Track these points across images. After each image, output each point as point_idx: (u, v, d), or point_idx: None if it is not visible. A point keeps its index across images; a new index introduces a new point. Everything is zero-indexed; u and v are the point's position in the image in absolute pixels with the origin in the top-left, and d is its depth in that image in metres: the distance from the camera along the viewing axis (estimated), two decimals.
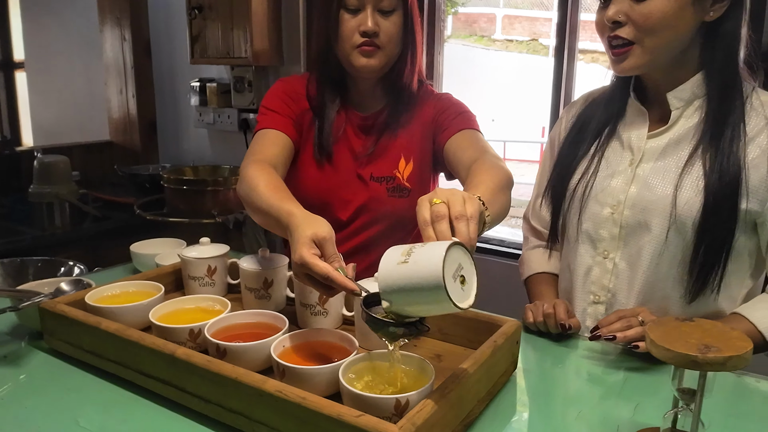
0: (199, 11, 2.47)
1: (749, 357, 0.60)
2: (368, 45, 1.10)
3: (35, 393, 0.83)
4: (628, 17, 0.91)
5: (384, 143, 1.21)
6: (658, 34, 0.91)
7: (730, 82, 0.94)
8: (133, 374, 0.82)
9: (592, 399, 0.85)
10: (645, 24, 0.90)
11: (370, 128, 1.23)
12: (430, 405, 0.65)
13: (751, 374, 0.91)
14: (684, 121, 0.98)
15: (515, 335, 0.86)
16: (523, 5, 11.98)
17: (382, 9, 1.10)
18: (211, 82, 2.67)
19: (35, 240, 2.15)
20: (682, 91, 0.97)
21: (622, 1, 0.91)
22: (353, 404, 0.67)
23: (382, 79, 1.20)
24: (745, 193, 0.91)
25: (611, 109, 1.05)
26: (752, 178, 0.92)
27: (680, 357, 0.59)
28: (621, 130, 1.04)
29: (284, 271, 1.03)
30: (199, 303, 0.97)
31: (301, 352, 0.82)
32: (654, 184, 0.97)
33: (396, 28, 1.12)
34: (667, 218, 0.95)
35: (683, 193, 0.94)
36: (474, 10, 12.01)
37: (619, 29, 0.92)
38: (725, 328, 0.64)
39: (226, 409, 0.73)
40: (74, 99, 3.45)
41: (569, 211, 1.07)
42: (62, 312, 0.90)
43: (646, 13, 0.89)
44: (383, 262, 0.68)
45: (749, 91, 0.96)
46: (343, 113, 1.23)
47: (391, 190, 1.21)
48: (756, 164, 0.92)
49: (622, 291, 1.02)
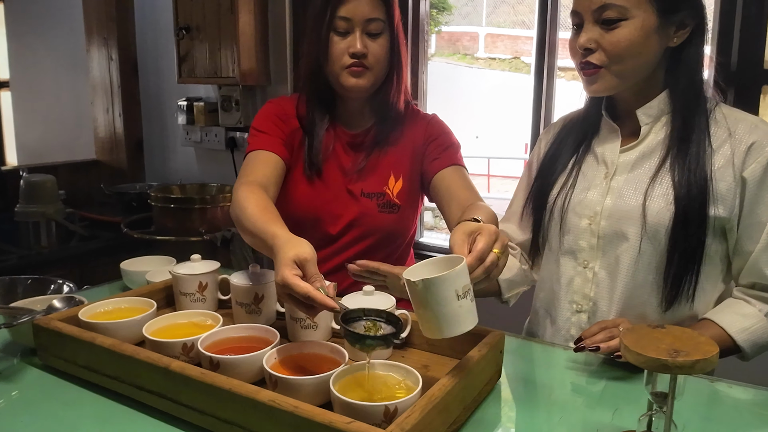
0: (187, 32, 2.51)
1: (716, 361, 0.64)
2: (357, 66, 1.16)
3: (29, 409, 0.84)
4: (598, 44, 0.97)
5: (373, 160, 1.26)
6: (625, 60, 0.97)
7: (693, 100, 1.00)
8: (129, 388, 0.84)
9: (574, 405, 0.89)
10: (614, 51, 0.96)
11: (359, 145, 1.28)
12: (418, 411, 0.68)
13: (724, 380, 0.95)
14: (653, 135, 1.04)
15: (499, 345, 0.90)
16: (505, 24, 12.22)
17: (369, 32, 1.16)
18: (199, 101, 2.70)
19: (22, 259, 2.14)
20: (650, 107, 1.03)
21: (593, 29, 0.97)
22: (344, 412, 0.70)
23: (369, 99, 1.25)
24: (713, 201, 0.97)
25: (586, 126, 1.11)
26: (719, 187, 0.97)
27: (651, 361, 0.63)
28: (595, 145, 1.10)
29: (274, 286, 1.06)
30: (192, 318, 1.00)
31: (293, 364, 0.85)
32: (627, 195, 1.03)
33: (383, 50, 1.18)
34: (640, 227, 1.00)
35: (654, 203, 0.99)
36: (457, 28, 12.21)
37: (590, 55, 0.98)
38: (694, 334, 0.68)
39: (220, 420, 0.75)
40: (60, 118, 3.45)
41: (550, 224, 1.12)
42: (56, 328, 0.91)
43: (615, 41, 0.95)
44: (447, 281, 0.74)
45: (713, 106, 1.03)
46: (332, 131, 1.27)
47: (381, 206, 1.25)
48: (722, 173, 0.98)
49: (603, 299, 1.06)
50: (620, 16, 0.95)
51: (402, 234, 1.31)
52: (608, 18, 0.95)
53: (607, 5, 0.95)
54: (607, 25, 0.96)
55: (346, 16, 1.15)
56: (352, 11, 1.15)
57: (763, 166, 0.96)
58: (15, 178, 2.37)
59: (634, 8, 0.94)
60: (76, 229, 2.33)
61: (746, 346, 0.99)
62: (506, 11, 12.38)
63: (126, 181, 2.92)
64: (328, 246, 1.27)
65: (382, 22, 1.17)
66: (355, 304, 0.91)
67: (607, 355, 0.94)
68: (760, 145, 0.97)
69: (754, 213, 0.98)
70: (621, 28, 0.95)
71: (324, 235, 1.27)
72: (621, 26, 0.95)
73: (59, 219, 2.26)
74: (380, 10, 1.16)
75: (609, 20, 0.95)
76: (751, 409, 0.89)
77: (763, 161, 0.96)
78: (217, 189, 2.54)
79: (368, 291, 0.97)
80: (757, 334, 0.99)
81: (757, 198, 0.97)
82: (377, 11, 1.16)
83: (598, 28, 0.97)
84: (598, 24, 0.97)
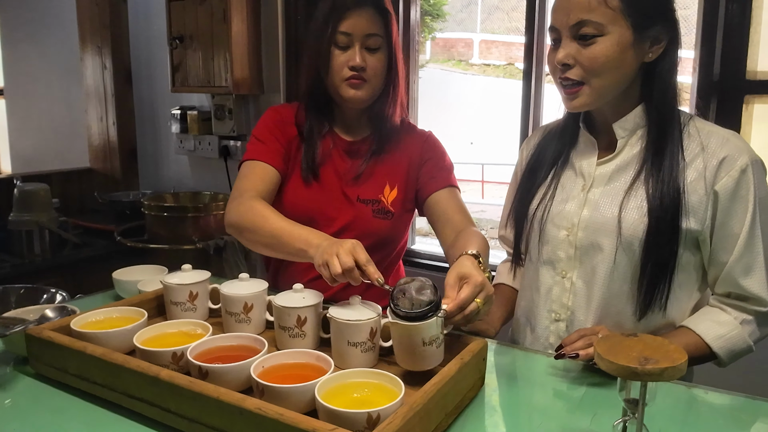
0: (180, 41, 2.54)
1: (684, 368, 0.66)
2: (356, 78, 1.22)
3: (21, 416, 0.86)
4: (576, 60, 1.00)
5: (370, 168, 1.32)
6: (603, 76, 0.99)
7: (668, 114, 1.03)
8: (119, 396, 0.86)
9: (554, 411, 0.91)
10: (591, 66, 0.99)
11: (356, 152, 1.34)
12: (400, 418, 0.70)
13: (700, 386, 0.98)
14: (629, 148, 1.07)
15: (481, 352, 0.92)
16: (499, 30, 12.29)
17: (368, 47, 1.23)
18: (192, 110, 2.72)
19: (15, 268, 2.16)
20: (626, 121, 1.06)
21: (570, 45, 1.00)
22: (328, 419, 0.72)
23: (367, 109, 1.31)
24: (686, 214, 0.99)
25: (564, 139, 1.14)
26: (691, 200, 1.00)
27: (622, 369, 0.66)
28: (573, 158, 1.12)
29: (264, 295, 1.08)
30: (182, 327, 1.01)
31: (280, 372, 0.87)
32: (603, 207, 1.05)
33: (381, 64, 1.24)
34: (615, 238, 1.02)
35: (629, 214, 1.02)
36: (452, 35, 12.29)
37: (569, 71, 1.01)
38: (665, 342, 0.71)
39: (208, 427, 0.77)
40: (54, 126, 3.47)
41: (530, 234, 1.15)
42: (48, 338, 0.93)
43: (592, 57, 0.98)
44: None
45: (687, 119, 1.05)
46: (330, 138, 1.34)
47: (375, 212, 1.30)
48: (694, 186, 1.00)
49: (580, 308, 1.08)
50: (597, 32, 0.97)
51: (393, 241, 1.35)
52: (585, 34, 0.98)
53: (583, 21, 0.97)
54: (584, 41, 0.99)
55: (346, 31, 1.21)
56: (353, 26, 1.21)
57: (734, 180, 0.99)
58: (8, 186, 2.38)
59: (610, 24, 0.97)
60: (70, 237, 2.35)
61: (722, 353, 1.01)
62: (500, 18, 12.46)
63: (119, 189, 2.94)
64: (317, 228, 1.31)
65: (381, 38, 1.23)
66: (343, 314, 0.94)
67: (586, 361, 0.97)
68: (732, 159, 0.99)
69: (727, 225, 1.00)
70: (597, 44, 0.98)
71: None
72: (597, 42, 0.98)
73: (52, 227, 2.28)
74: (379, 26, 1.23)
75: (586, 36, 0.98)
76: (726, 414, 0.92)
77: (735, 175, 0.99)
78: (210, 197, 2.56)
79: (355, 301, 0.99)
80: (733, 342, 1.01)
81: (729, 211, 1.00)
82: (376, 27, 1.22)
83: (576, 43, 1.00)
84: (575, 40, 0.99)
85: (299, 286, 1.04)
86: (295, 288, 1.04)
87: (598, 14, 0.97)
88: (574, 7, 0.98)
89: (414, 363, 0.90)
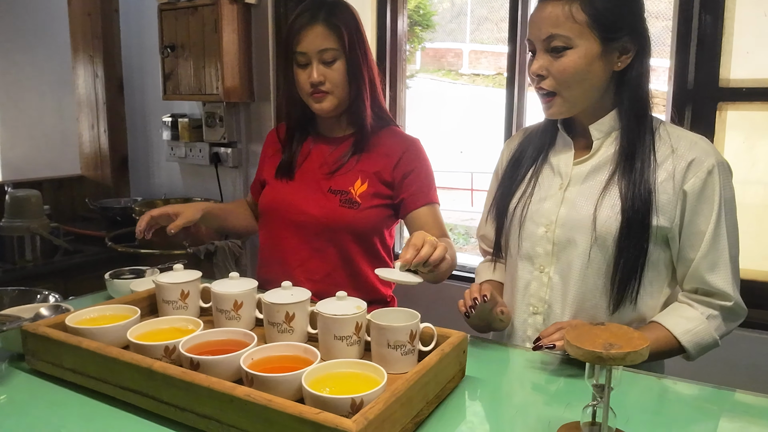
0: (172, 50, 2.57)
1: (645, 353, 0.71)
2: (317, 92, 1.32)
3: (18, 411, 0.89)
4: (548, 71, 1.06)
5: (349, 165, 1.39)
6: (573, 86, 1.05)
7: (640, 118, 1.08)
8: (113, 389, 0.90)
9: (530, 401, 0.96)
10: (561, 77, 1.05)
11: (334, 149, 1.42)
12: (382, 403, 0.74)
13: (670, 377, 1.02)
14: (604, 149, 1.12)
15: (462, 345, 0.97)
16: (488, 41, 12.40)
17: (324, 60, 1.31)
18: (183, 118, 2.75)
19: (7, 273, 2.18)
20: (602, 124, 1.11)
21: (543, 58, 1.06)
22: (314, 405, 0.76)
23: (343, 114, 1.40)
24: (656, 212, 1.05)
25: (544, 139, 1.19)
26: (661, 199, 1.05)
27: (588, 353, 0.70)
28: (552, 158, 1.17)
29: (253, 293, 1.12)
30: (174, 323, 1.05)
31: (269, 364, 0.90)
32: (579, 205, 1.10)
33: (339, 75, 1.32)
34: (590, 235, 1.07)
35: (603, 212, 1.07)
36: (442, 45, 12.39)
37: (543, 81, 1.07)
38: (629, 330, 0.76)
39: (200, 415, 0.81)
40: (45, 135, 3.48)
41: (510, 230, 1.19)
42: (44, 333, 0.97)
43: (562, 68, 1.04)
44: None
45: (658, 124, 1.11)
46: (311, 139, 1.45)
47: (342, 202, 1.38)
48: (664, 187, 1.05)
49: (557, 302, 1.13)
50: (566, 44, 1.03)
51: (365, 231, 1.41)
52: (555, 47, 1.04)
53: (553, 35, 1.03)
54: (555, 53, 1.04)
55: (301, 50, 1.31)
56: (306, 46, 1.31)
57: (701, 180, 1.04)
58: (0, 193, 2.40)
59: (577, 38, 1.03)
60: (61, 243, 2.37)
61: (690, 346, 1.06)
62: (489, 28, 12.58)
63: (111, 196, 2.96)
64: (296, 236, 1.40)
65: (335, 51, 1.31)
66: (329, 310, 0.98)
67: (561, 352, 1.02)
68: (699, 161, 1.04)
69: (694, 223, 1.05)
70: (567, 56, 1.03)
71: (290, 223, 1.41)
72: (566, 54, 1.03)
73: (44, 233, 2.29)
74: (332, 39, 1.30)
75: (556, 49, 1.04)
76: (694, 403, 0.96)
77: (702, 176, 1.04)
78: None
79: (341, 296, 1.03)
80: (700, 336, 1.06)
81: (696, 209, 1.05)
82: (329, 41, 1.30)
83: (548, 56, 1.05)
84: (548, 52, 1.05)
85: (288, 283, 1.08)
86: (283, 285, 1.08)
87: (566, 28, 1.02)
88: (545, 22, 1.04)
89: (379, 360, 0.95)
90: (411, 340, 0.95)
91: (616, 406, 0.76)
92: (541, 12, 1.05)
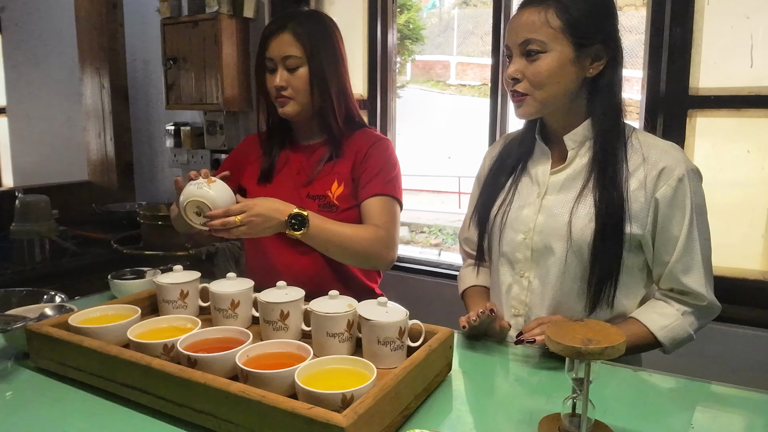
0: (174, 62, 2.55)
1: (622, 348, 0.70)
2: (280, 97, 1.31)
3: (23, 407, 0.87)
4: (523, 74, 1.04)
5: (325, 170, 1.36)
6: (545, 88, 1.04)
7: (612, 126, 1.06)
8: (113, 385, 0.88)
9: (514, 394, 0.95)
10: (535, 80, 1.03)
11: (311, 156, 1.39)
12: (371, 398, 0.73)
13: (646, 369, 1.01)
14: (579, 159, 1.10)
15: (448, 340, 0.95)
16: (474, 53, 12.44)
17: (288, 67, 1.29)
18: (185, 126, 2.74)
19: (16, 274, 2.15)
20: (576, 134, 1.09)
21: (519, 62, 1.05)
22: (307, 400, 0.75)
23: (315, 118, 1.37)
24: (629, 220, 1.03)
25: (522, 149, 1.17)
26: (633, 207, 1.03)
27: (568, 348, 0.69)
28: (530, 167, 1.16)
29: (250, 293, 1.10)
30: (173, 322, 1.03)
31: (263, 361, 0.88)
32: (556, 213, 1.08)
33: (302, 81, 1.30)
34: (566, 242, 1.05)
35: (579, 220, 1.05)
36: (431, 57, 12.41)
37: (517, 84, 1.05)
38: (607, 326, 0.75)
39: (196, 411, 0.79)
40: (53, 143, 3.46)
41: (491, 236, 1.17)
42: (48, 332, 0.94)
43: (536, 72, 1.03)
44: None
45: (630, 132, 1.09)
46: (288, 146, 1.42)
47: (321, 206, 1.34)
48: (636, 195, 1.04)
49: (536, 305, 1.11)
50: (541, 49, 1.02)
51: None
52: (531, 50, 1.02)
53: (529, 40, 1.02)
54: (530, 57, 1.03)
55: (269, 56, 1.30)
56: (273, 52, 1.29)
57: (672, 188, 1.02)
58: (10, 199, 2.37)
59: (551, 42, 1.01)
60: (68, 245, 2.34)
61: (666, 341, 1.05)
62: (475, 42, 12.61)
63: (116, 200, 2.93)
64: (281, 243, 1.35)
65: (299, 58, 1.28)
66: (322, 308, 0.97)
67: (541, 346, 1.00)
68: (670, 170, 1.03)
69: (668, 229, 1.04)
70: (541, 59, 1.02)
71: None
72: (541, 58, 1.02)
73: (52, 236, 2.27)
74: (296, 47, 1.28)
75: (531, 52, 1.02)
76: (669, 395, 0.95)
77: (673, 183, 1.02)
78: None
79: (333, 295, 1.01)
80: (675, 331, 1.05)
81: (669, 216, 1.03)
82: (293, 49, 1.28)
83: (524, 59, 1.04)
84: (523, 56, 1.04)
85: (282, 283, 1.06)
86: (278, 285, 1.06)
87: (542, 33, 1.01)
88: (522, 28, 1.03)
89: (370, 356, 0.93)
90: (400, 337, 0.94)
91: (594, 398, 0.75)
92: (519, 18, 1.04)
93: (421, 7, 11.59)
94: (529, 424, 0.81)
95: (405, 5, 9.88)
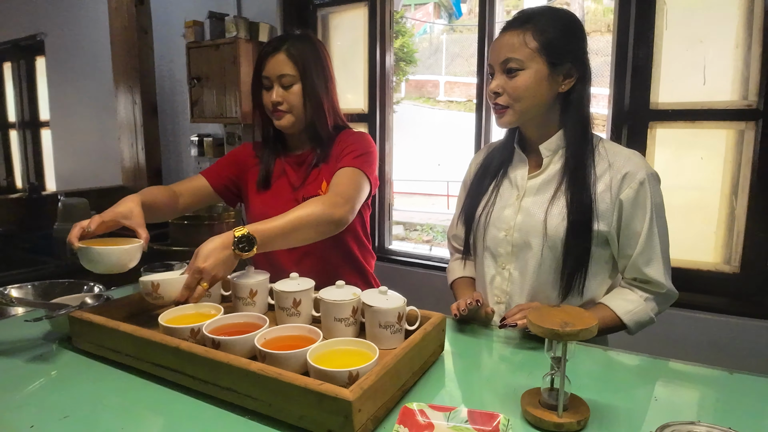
0: (198, 81, 2.55)
1: (595, 330, 0.70)
2: (277, 111, 1.28)
3: (66, 385, 0.86)
4: (503, 89, 1.04)
5: (314, 174, 1.34)
6: (523, 101, 1.04)
7: (582, 136, 1.06)
8: (146, 365, 0.87)
9: (499, 371, 0.94)
10: (514, 93, 1.03)
11: (302, 163, 1.37)
12: (374, 375, 0.72)
13: (615, 349, 1.01)
14: (553, 165, 1.10)
15: (441, 324, 0.95)
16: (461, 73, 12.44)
17: (283, 84, 1.27)
18: (208, 137, 2.73)
19: (59, 268, 2.14)
20: (550, 143, 1.09)
21: (500, 78, 1.05)
22: (317, 377, 0.74)
23: (305, 130, 1.34)
24: (597, 218, 1.03)
25: (503, 156, 1.17)
26: (600, 207, 1.03)
27: (547, 330, 0.69)
28: (510, 172, 1.15)
29: (266, 283, 1.10)
30: (198, 309, 1.02)
31: (279, 343, 0.88)
32: (533, 213, 1.08)
33: (296, 97, 1.27)
34: (542, 238, 1.05)
35: (553, 219, 1.05)
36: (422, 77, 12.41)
37: (498, 98, 1.05)
38: (581, 311, 0.74)
39: (220, 387, 0.79)
40: (90, 152, 3.45)
41: (476, 233, 1.17)
42: (88, 319, 0.94)
43: (515, 86, 1.03)
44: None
45: (597, 141, 1.09)
46: (283, 155, 1.39)
47: None
48: (603, 196, 1.04)
49: (516, 293, 1.11)
50: (519, 67, 1.02)
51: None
52: (510, 68, 1.02)
53: (509, 59, 1.02)
54: (509, 74, 1.03)
55: (265, 75, 1.27)
56: (269, 71, 1.27)
57: (634, 191, 1.02)
58: (53, 201, 2.36)
59: (529, 61, 1.01)
60: None
61: (630, 324, 1.05)
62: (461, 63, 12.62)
63: None
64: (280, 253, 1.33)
65: (293, 76, 1.26)
66: (330, 296, 0.96)
67: (522, 329, 1.00)
68: (633, 174, 1.03)
69: (631, 226, 1.04)
70: (519, 76, 1.02)
71: None
72: (519, 75, 1.02)
73: None
74: (290, 66, 1.25)
75: (511, 70, 1.02)
76: (634, 371, 0.95)
77: (635, 186, 1.02)
78: (222, 208, 2.56)
79: (340, 285, 1.01)
80: (639, 315, 1.05)
81: (631, 215, 1.03)
82: (287, 68, 1.25)
83: (504, 76, 1.04)
84: (504, 73, 1.04)
85: (295, 274, 1.06)
86: (291, 276, 1.06)
87: (520, 53, 1.01)
88: (503, 48, 1.03)
89: (373, 338, 0.93)
90: (399, 321, 0.93)
91: (570, 374, 0.75)
92: (500, 40, 1.04)
93: (414, 33, 11.60)
94: (513, 397, 0.81)
95: (400, 31, 9.89)
